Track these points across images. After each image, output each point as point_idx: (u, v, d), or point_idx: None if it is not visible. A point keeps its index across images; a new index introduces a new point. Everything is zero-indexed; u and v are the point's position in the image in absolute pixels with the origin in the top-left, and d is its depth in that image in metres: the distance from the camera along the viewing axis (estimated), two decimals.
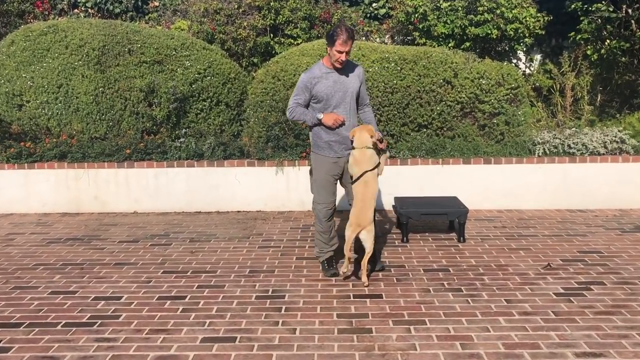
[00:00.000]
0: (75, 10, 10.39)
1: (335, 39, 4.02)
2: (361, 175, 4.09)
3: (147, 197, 6.56)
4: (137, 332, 3.47)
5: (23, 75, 6.96)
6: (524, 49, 8.78)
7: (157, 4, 10.41)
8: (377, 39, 9.39)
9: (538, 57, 9.76)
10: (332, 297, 3.97)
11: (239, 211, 6.55)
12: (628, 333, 3.35)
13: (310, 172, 4.43)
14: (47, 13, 10.24)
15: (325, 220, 4.31)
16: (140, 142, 6.68)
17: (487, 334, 3.36)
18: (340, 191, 4.50)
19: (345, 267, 4.16)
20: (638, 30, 7.71)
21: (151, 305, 3.88)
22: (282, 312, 3.74)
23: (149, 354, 3.20)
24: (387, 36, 9.50)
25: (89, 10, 10.37)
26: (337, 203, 4.44)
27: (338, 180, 4.38)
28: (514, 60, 9.21)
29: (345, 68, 4.21)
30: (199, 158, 6.62)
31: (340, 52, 4.05)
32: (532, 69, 9.50)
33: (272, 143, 6.62)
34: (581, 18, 8.03)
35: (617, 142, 6.43)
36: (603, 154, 6.39)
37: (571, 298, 3.87)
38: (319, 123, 4.20)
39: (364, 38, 9.28)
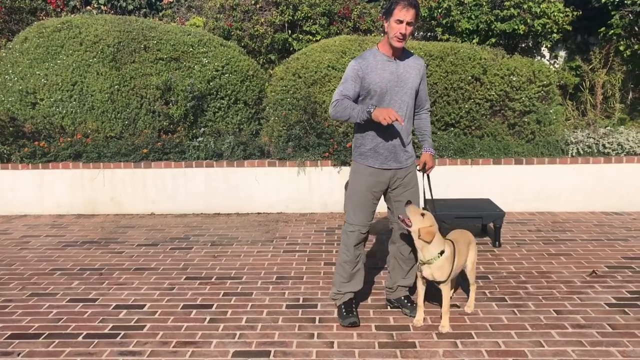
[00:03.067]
0: (88, 7, 10.20)
1: (393, 7, 3.22)
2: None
3: (164, 198, 6.35)
4: (164, 344, 3.25)
5: (37, 72, 6.76)
6: (549, 45, 8.50)
7: (171, 0, 10.21)
8: None
9: (562, 53, 9.46)
10: (367, 307, 3.72)
11: (259, 213, 6.32)
12: None
13: (347, 185, 3.62)
14: (59, 10, 10.06)
15: (354, 247, 3.47)
16: (157, 142, 6.46)
17: (541, 349, 3.11)
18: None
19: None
20: None
21: (176, 315, 3.65)
22: (316, 323, 3.50)
23: None
24: None
25: (102, 7, 10.17)
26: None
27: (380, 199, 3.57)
28: (538, 57, 8.94)
29: (406, 58, 3.41)
30: (218, 158, 6.40)
31: (400, 22, 3.20)
32: (556, 66, 9.21)
33: (293, 142, 6.39)
34: (612, 13, 7.73)
35: None
36: None
37: (626, 309, 3.61)
38: (368, 119, 3.23)
39: (383, 34, 9.03)
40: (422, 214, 3.31)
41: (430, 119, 3.74)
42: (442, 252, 3.33)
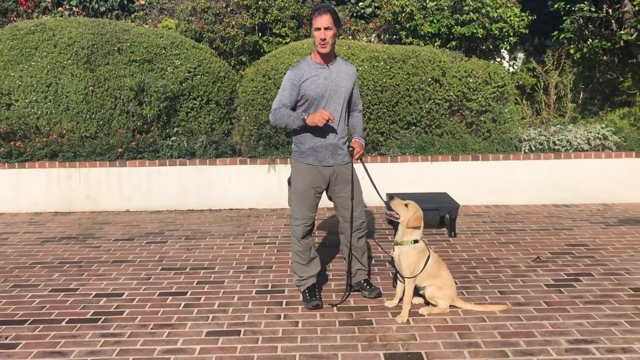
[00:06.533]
0: (60, 8, 10.31)
1: (311, 18, 3.56)
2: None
3: (139, 195, 6.58)
4: (142, 327, 3.53)
5: (11, 74, 6.92)
6: (508, 47, 8.97)
7: (143, 2, 10.38)
8: (364, 38, 9.50)
9: (521, 55, 9.95)
10: (331, 291, 4.06)
11: (231, 209, 6.61)
12: (617, 321, 3.50)
13: (289, 181, 3.88)
14: (30, 11, 10.15)
15: (302, 238, 3.78)
16: (132, 141, 6.69)
17: (483, 324, 3.48)
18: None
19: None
20: (618, 30, 7.93)
21: (153, 301, 3.93)
22: (283, 306, 3.82)
23: (156, 348, 3.26)
24: (374, 35, 9.61)
25: (74, 8, 10.29)
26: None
27: (322, 194, 3.86)
28: (498, 59, 9.40)
29: (338, 65, 3.73)
30: (191, 156, 6.66)
31: (318, 29, 3.52)
32: (515, 67, 9.69)
33: (263, 141, 6.69)
34: (564, 18, 8.23)
35: (600, 138, 6.63)
36: (587, 150, 6.58)
37: (562, 289, 4.02)
38: (304, 125, 3.59)
39: (350, 37, 9.38)
40: (406, 205, 3.67)
41: (362, 118, 4.04)
42: (415, 242, 3.68)
